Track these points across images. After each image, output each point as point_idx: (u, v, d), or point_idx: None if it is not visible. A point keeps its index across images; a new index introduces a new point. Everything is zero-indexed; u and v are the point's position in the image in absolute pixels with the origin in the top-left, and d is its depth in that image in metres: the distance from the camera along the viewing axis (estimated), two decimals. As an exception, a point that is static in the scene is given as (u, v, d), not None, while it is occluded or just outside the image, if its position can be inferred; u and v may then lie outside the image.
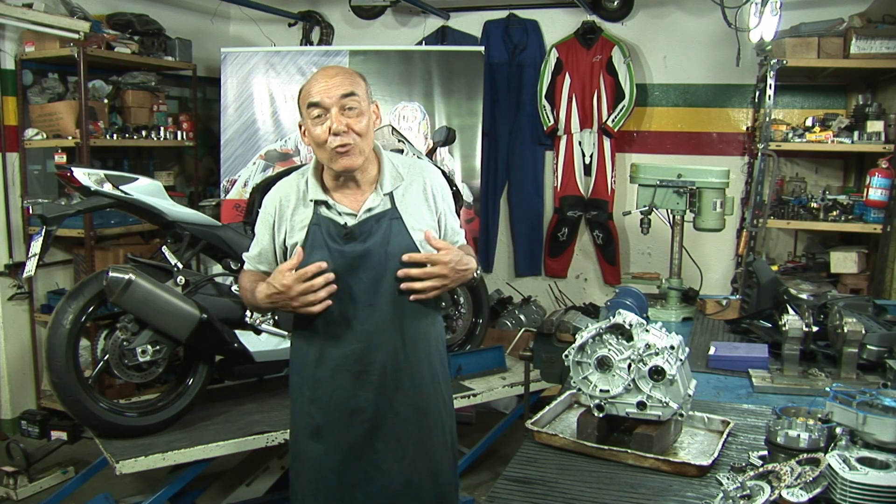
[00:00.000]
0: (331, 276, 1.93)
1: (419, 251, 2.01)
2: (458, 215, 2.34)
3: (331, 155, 1.96)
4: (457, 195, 3.49)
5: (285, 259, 2.05)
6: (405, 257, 1.97)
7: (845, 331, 2.25)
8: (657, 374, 1.76)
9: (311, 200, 2.02)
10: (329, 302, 1.95)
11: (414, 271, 1.98)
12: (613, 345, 1.82)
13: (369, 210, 2.01)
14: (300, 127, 2.05)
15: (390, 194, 2.03)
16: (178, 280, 3.02)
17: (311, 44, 5.85)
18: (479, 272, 2.14)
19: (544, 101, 5.27)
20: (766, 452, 1.65)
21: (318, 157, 2.02)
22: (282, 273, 1.92)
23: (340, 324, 2.00)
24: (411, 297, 1.99)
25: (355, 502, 2.05)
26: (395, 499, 2.06)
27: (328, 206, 2.02)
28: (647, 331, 1.81)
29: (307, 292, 1.92)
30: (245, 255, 2.18)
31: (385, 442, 2.04)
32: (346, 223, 2.00)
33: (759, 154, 4.09)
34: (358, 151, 1.96)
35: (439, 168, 2.49)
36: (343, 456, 2.04)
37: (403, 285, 1.98)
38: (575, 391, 2.00)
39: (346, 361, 2.01)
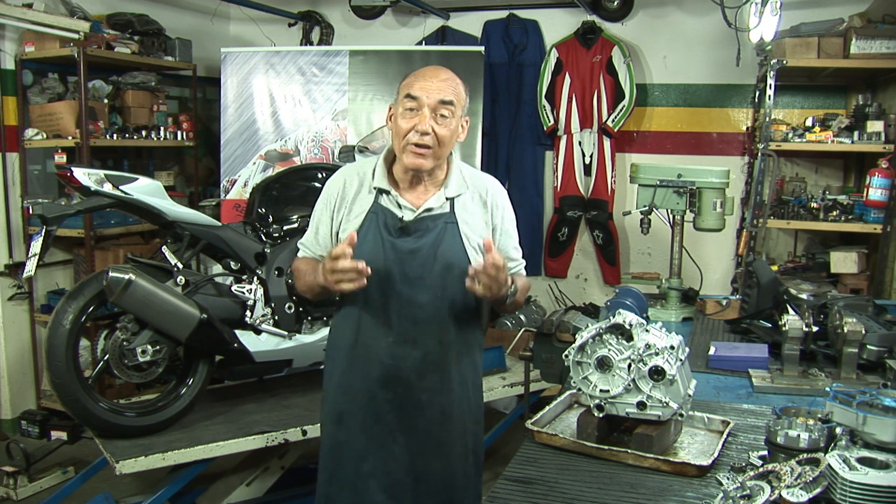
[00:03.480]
0: (364, 268, 1.86)
1: (468, 258, 2.03)
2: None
3: (405, 149, 1.99)
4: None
5: (337, 242, 2.07)
6: (484, 242, 1.90)
7: (845, 331, 2.25)
8: (657, 374, 1.76)
9: (375, 188, 2.04)
10: (362, 284, 1.87)
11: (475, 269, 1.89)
12: (613, 345, 1.82)
13: (429, 210, 2.04)
14: (389, 109, 2.08)
15: (452, 199, 2.06)
16: (178, 280, 3.02)
17: (311, 44, 5.85)
18: (512, 293, 2.02)
19: (544, 101, 5.27)
20: (766, 452, 1.65)
21: (393, 145, 2.05)
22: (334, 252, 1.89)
23: (380, 316, 2.03)
24: (467, 285, 1.91)
25: (368, 493, 2.06)
26: (406, 495, 2.08)
27: (389, 197, 2.04)
28: (647, 331, 1.81)
29: (337, 271, 1.86)
30: (300, 243, 2.18)
31: (408, 436, 2.07)
32: (403, 217, 2.03)
33: (759, 154, 4.09)
34: (432, 156, 2.00)
35: None
36: (365, 444, 2.06)
37: (470, 270, 1.89)
38: (575, 391, 2.00)
39: (380, 353, 2.04)
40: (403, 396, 2.06)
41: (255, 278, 3.25)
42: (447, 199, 2.06)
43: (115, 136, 4.59)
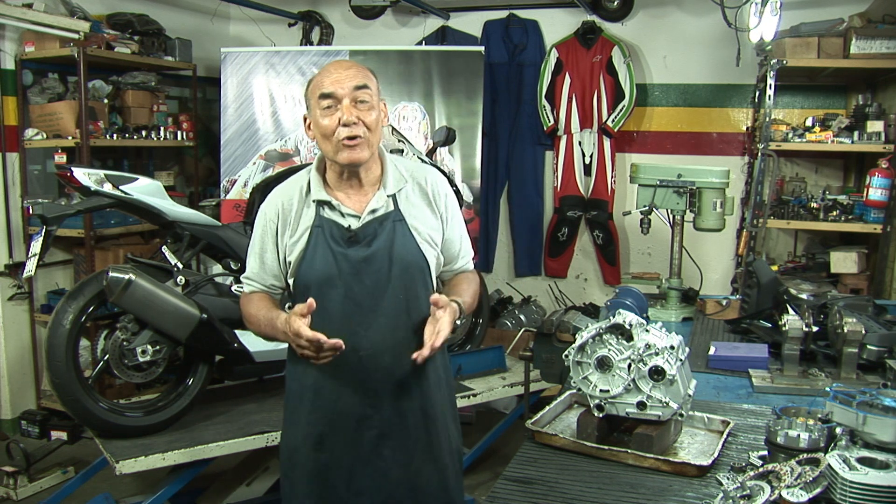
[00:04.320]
0: (341, 346, 1.82)
1: (423, 254, 1.98)
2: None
3: (337, 147, 1.91)
4: (457, 195, 3.48)
5: (287, 267, 2.00)
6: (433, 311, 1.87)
7: (845, 331, 2.25)
8: (657, 374, 1.76)
9: (314, 201, 1.96)
10: (327, 360, 1.85)
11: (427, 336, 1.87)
12: (613, 345, 1.82)
13: (373, 212, 1.96)
14: (305, 120, 2.01)
15: (393, 196, 1.99)
16: (178, 280, 3.02)
17: (311, 44, 5.86)
18: (462, 320, 1.99)
19: (544, 101, 5.27)
20: (766, 452, 1.65)
21: (323, 150, 1.97)
22: (295, 317, 1.80)
23: (344, 330, 1.91)
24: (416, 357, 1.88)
25: None
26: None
27: (331, 208, 1.96)
28: (647, 331, 1.81)
29: (308, 349, 1.82)
30: (244, 277, 2.07)
31: (393, 448, 2.00)
32: (349, 225, 1.95)
33: (759, 154, 4.09)
34: (366, 144, 1.92)
35: (438, 168, 2.47)
36: (350, 463, 2.00)
37: (419, 354, 1.86)
38: (575, 391, 2.00)
39: (350, 368, 1.96)
40: (384, 407, 1.99)
41: (255, 278, 3.25)
42: (388, 196, 1.98)
43: (115, 136, 4.59)
